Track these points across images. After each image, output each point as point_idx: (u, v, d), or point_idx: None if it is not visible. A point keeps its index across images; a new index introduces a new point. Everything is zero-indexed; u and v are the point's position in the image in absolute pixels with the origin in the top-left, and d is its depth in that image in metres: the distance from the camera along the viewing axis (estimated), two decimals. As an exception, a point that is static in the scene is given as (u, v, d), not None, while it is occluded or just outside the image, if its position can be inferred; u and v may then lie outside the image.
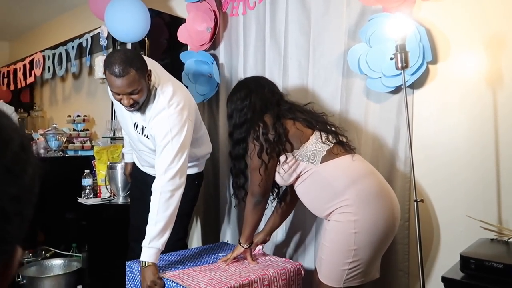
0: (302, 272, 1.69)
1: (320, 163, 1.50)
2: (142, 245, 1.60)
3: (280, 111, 1.61)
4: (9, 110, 3.15)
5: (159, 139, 1.67)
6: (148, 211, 2.02)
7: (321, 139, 1.53)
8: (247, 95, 1.67)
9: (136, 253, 1.87)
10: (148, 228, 1.61)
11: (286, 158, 1.54)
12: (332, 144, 1.53)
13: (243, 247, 1.69)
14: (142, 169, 2.04)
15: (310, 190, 1.55)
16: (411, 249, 1.75)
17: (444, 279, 1.28)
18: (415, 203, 1.48)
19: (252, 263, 1.69)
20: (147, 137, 1.77)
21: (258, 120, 1.59)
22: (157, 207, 1.60)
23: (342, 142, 1.57)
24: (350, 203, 1.44)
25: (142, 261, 1.58)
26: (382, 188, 1.50)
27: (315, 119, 1.61)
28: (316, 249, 1.94)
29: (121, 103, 1.66)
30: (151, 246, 1.59)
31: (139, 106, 1.68)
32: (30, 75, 3.99)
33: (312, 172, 1.52)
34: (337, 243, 1.47)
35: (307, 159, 1.52)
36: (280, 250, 2.17)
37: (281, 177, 1.59)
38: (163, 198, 1.61)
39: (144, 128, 1.77)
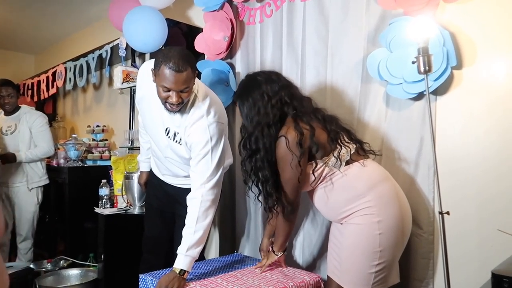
0: (322, 285, 1.64)
1: (344, 166, 1.50)
2: (178, 252, 1.57)
3: (307, 115, 1.54)
4: (34, 115, 3.09)
5: (198, 147, 1.63)
6: (166, 222, 2.01)
7: (345, 145, 1.51)
8: (277, 92, 1.56)
9: (150, 265, 1.84)
10: (185, 236, 1.58)
11: (316, 165, 1.51)
12: (354, 149, 1.53)
13: (276, 255, 1.70)
14: (162, 178, 1.98)
15: (330, 193, 1.52)
16: (436, 264, 1.66)
17: (474, 298, 1.19)
18: (440, 215, 1.40)
19: (285, 268, 1.74)
20: (179, 143, 1.72)
21: (296, 124, 1.49)
22: (197, 216, 1.58)
23: (361, 146, 1.57)
24: (372, 205, 1.44)
25: (178, 269, 1.53)
26: (398, 192, 1.52)
27: (337, 124, 1.58)
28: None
29: (166, 101, 1.58)
30: (188, 254, 1.55)
31: (181, 107, 1.63)
32: (53, 87, 4.09)
33: (335, 176, 1.50)
34: (361, 246, 1.45)
35: (333, 164, 1.50)
36: (295, 261, 2.10)
37: (308, 184, 1.55)
38: (203, 207, 1.59)
39: (176, 133, 1.72)
